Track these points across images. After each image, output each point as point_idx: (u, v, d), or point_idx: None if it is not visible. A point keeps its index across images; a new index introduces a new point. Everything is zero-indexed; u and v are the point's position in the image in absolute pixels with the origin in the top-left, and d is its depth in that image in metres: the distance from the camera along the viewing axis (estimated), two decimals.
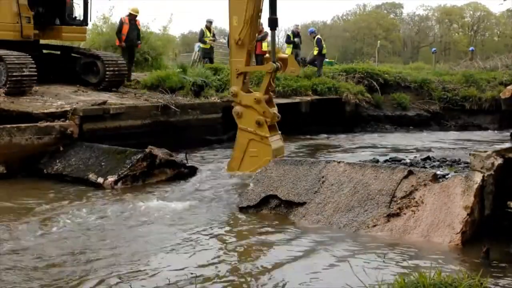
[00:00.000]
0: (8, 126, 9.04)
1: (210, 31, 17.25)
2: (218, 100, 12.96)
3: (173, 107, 11.49)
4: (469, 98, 17.61)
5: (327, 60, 22.82)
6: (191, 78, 13.28)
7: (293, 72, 16.50)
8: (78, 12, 12.75)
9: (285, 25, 70.91)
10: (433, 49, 30.85)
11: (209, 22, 17.35)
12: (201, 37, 17.28)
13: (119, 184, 8.43)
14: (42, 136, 9.22)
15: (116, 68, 12.22)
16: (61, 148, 9.33)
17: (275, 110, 9.61)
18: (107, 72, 12.05)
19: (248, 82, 10.02)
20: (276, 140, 9.52)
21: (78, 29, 12.70)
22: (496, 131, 16.56)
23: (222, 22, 61.97)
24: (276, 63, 9.50)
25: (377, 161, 8.79)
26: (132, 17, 13.74)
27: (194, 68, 15.07)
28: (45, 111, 9.78)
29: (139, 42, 14.29)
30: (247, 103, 9.38)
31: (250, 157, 9.33)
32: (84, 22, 12.78)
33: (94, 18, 19.24)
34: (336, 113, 15.49)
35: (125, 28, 13.62)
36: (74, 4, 12.66)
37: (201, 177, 9.15)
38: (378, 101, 16.82)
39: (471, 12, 54.39)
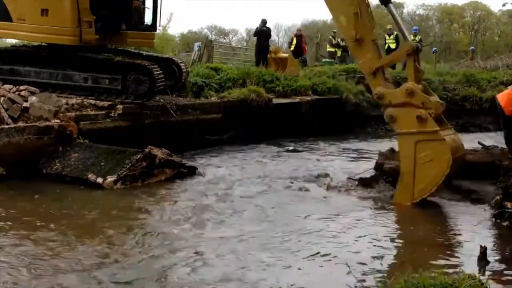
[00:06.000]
0: (6, 126, 9.01)
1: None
2: (218, 100, 12.93)
3: (170, 109, 11.39)
4: (469, 98, 17.53)
5: (327, 60, 22.82)
6: (192, 78, 13.25)
7: (293, 72, 16.49)
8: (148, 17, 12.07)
9: (286, 23, 70.65)
10: (434, 48, 30.85)
11: (390, 29, 21.02)
12: None
13: (119, 184, 8.40)
14: (41, 136, 9.18)
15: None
16: (60, 148, 9.30)
17: (435, 98, 7.95)
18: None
19: (389, 78, 8.45)
20: (449, 135, 7.83)
21: (146, 35, 12.05)
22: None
23: (222, 22, 62.00)
24: (417, 44, 8.11)
25: None
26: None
27: (194, 68, 15.05)
28: None
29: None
30: (399, 101, 7.72)
31: (423, 164, 7.48)
32: (153, 27, 12.14)
33: None
34: (336, 113, 15.44)
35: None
36: (144, 8, 11.99)
37: None
38: None
39: (472, 11, 54.30)
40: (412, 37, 21.79)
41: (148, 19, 12.13)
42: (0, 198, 7.66)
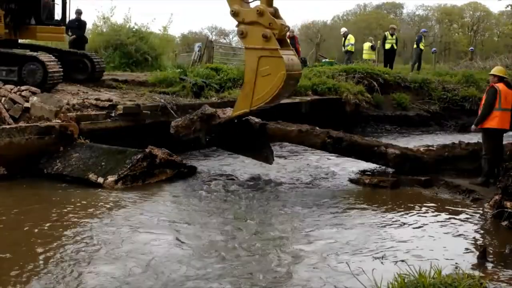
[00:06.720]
0: (8, 126, 9.03)
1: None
2: (218, 101, 12.95)
3: (170, 109, 11.38)
4: (469, 98, 17.58)
5: (327, 60, 22.79)
6: (192, 79, 13.25)
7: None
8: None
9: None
10: (433, 49, 30.87)
11: (392, 29, 21.21)
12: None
13: (119, 184, 8.43)
14: (43, 136, 9.21)
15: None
16: (61, 148, 9.32)
17: (282, 21, 8.66)
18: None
19: None
20: (289, 55, 8.65)
21: (55, 29, 12.32)
22: None
23: (222, 22, 62.04)
24: None
25: None
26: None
27: (194, 68, 15.08)
28: None
29: None
30: (250, 19, 8.57)
31: (262, 77, 8.48)
32: (62, 22, 12.47)
33: (95, 18, 19.24)
34: (336, 113, 15.45)
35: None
36: (54, 4, 12.28)
37: None
38: (378, 101, 16.80)
39: (471, 12, 54.35)
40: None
41: (58, 14, 12.41)
42: (1, 198, 7.69)
